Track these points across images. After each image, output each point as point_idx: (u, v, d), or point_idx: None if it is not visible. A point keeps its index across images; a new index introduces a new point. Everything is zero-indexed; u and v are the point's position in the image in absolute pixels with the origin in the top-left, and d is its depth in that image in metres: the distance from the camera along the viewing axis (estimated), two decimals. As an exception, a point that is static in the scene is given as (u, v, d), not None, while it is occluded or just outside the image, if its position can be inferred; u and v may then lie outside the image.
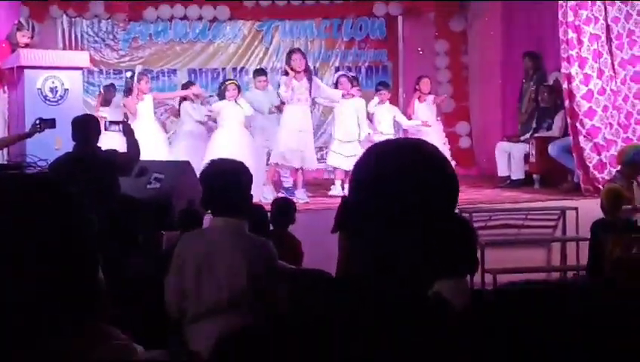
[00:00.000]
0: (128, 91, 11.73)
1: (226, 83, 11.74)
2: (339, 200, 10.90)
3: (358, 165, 1.79)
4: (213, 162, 4.22)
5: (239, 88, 11.65)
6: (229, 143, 10.67)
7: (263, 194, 10.60)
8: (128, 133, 7.62)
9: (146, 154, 8.41)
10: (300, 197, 11.14)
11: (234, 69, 14.92)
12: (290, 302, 3.61)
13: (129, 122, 8.24)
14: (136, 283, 4.10)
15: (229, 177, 4.10)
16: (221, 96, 11.56)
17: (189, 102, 11.94)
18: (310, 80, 11.31)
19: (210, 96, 12.86)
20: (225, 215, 4.10)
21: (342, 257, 1.74)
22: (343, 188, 11.58)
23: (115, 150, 7.59)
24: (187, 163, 8.84)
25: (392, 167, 1.73)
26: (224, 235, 4.13)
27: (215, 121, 11.52)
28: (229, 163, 4.25)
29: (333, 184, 11.84)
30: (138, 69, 12.37)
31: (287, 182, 11.73)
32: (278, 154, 11.25)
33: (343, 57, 15.42)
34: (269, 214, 6.60)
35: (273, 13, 14.97)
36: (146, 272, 4.23)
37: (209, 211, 4.37)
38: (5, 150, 9.18)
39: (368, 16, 15.27)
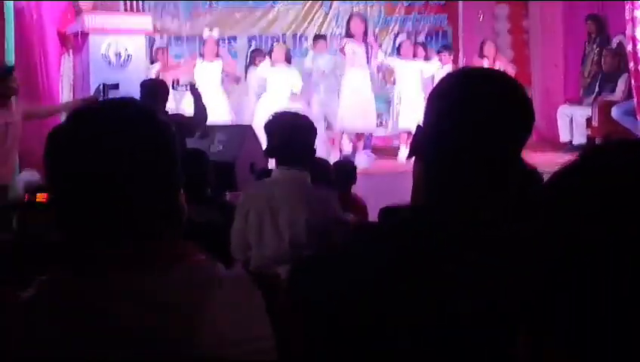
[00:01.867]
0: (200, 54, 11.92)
1: (273, 45, 11.85)
2: (404, 164, 10.98)
3: (434, 91, 1.81)
4: (277, 113, 4.25)
5: (288, 51, 11.70)
6: (277, 105, 10.69)
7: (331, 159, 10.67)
8: (196, 95, 7.71)
9: (211, 118, 8.52)
10: (361, 161, 11.16)
11: (294, 36, 14.91)
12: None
13: (196, 85, 8.29)
14: (203, 230, 4.16)
15: (293, 127, 4.14)
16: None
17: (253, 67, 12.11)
18: (367, 45, 11.30)
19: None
20: (288, 165, 4.13)
21: (415, 186, 1.74)
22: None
23: (181, 113, 7.70)
24: (249, 127, 8.91)
25: (468, 94, 1.75)
26: (286, 186, 4.16)
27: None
28: (294, 114, 4.29)
29: (399, 150, 11.76)
30: (206, 32, 12.49)
31: (348, 149, 11.78)
32: (340, 121, 11.27)
33: (402, 23, 15.31)
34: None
35: (333, -22, 14.92)
36: (213, 221, 4.29)
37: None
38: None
39: (428, -20, 15.15)
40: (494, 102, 1.74)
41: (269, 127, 4.19)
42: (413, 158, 1.84)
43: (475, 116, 1.72)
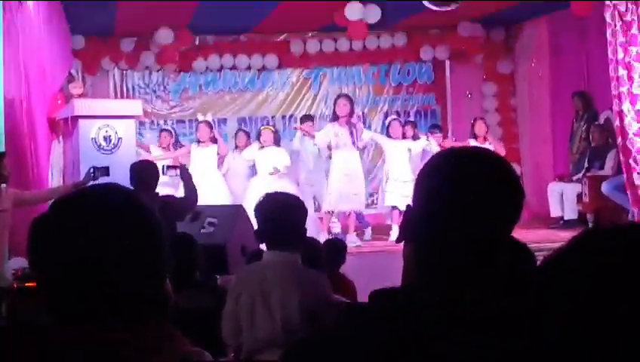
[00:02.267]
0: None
1: (261, 128, 11.95)
2: (395, 244, 10.98)
3: (423, 170, 1.80)
4: (269, 194, 4.24)
5: (275, 134, 11.81)
6: (267, 188, 10.66)
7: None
8: (186, 178, 7.71)
9: (205, 201, 8.52)
10: (352, 240, 11.15)
11: (283, 117, 15.04)
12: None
13: (187, 167, 8.31)
14: (193, 316, 4.12)
15: (285, 209, 4.11)
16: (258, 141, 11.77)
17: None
18: (352, 127, 11.36)
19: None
20: (279, 248, 4.11)
21: (406, 267, 1.73)
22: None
23: (172, 196, 7.68)
24: (240, 207, 8.89)
25: (457, 174, 1.74)
26: (278, 269, 4.13)
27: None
28: (286, 195, 4.27)
29: (391, 229, 11.78)
30: (200, 117, 12.61)
31: (337, 228, 11.77)
32: (329, 201, 11.29)
33: (391, 102, 15.46)
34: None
35: (321, 60, 15.07)
36: (203, 306, 4.24)
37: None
38: (61, 199, 9.33)
39: (415, 61, 15.31)
40: (483, 181, 1.74)
41: (259, 209, 4.17)
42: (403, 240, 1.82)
43: (465, 195, 1.71)
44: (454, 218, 1.71)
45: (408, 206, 1.82)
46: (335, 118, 11.41)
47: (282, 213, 4.08)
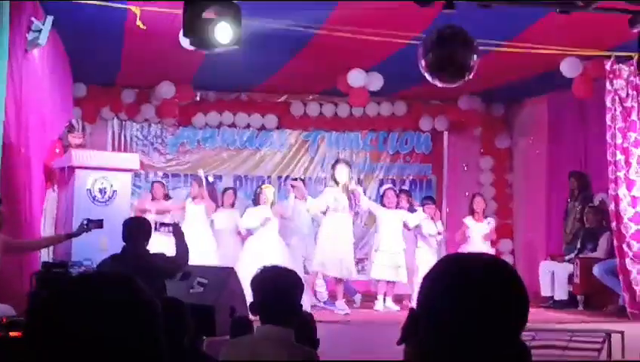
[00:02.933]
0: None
1: (262, 187, 11.88)
2: (381, 314, 10.90)
3: (430, 276, 1.78)
4: (266, 268, 4.19)
5: (274, 196, 11.80)
6: (263, 251, 10.61)
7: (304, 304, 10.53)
8: (178, 235, 7.66)
9: (195, 259, 8.46)
10: (341, 308, 11.10)
11: (279, 178, 15.04)
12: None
13: (180, 225, 8.26)
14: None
15: (282, 285, 4.07)
16: (255, 201, 11.66)
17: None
18: (353, 192, 11.37)
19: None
20: (273, 323, 4.05)
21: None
22: (385, 301, 11.52)
23: (163, 254, 7.62)
24: (232, 269, 8.83)
25: (466, 281, 1.72)
26: (269, 345, 4.06)
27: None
28: (283, 270, 4.22)
29: (377, 298, 11.74)
30: (200, 173, 12.59)
31: (323, 294, 11.70)
32: (318, 263, 11.24)
33: (387, 170, 15.50)
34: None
35: (320, 123, 15.13)
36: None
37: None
38: (51, 248, 9.26)
39: (414, 130, 15.37)
40: (492, 292, 1.72)
41: (254, 282, 4.12)
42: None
43: (472, 306, 1.69)
44: (467, 328, 1.69)
45: (412, 309, 1.80)
46: (333, 181, 11.42)
47: (278, 289, 4.04)
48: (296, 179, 12.96)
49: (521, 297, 1.75)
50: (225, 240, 12.00)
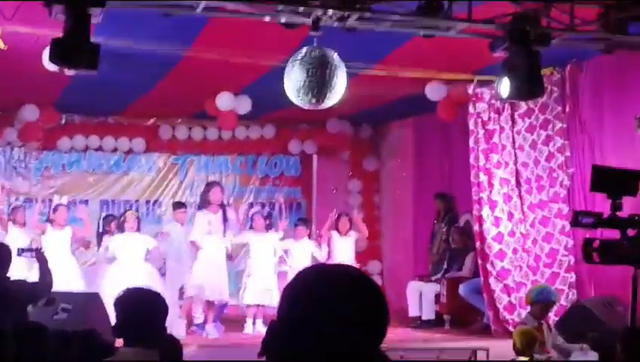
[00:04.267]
0: (48, 220, 11.63)
1: (125, 214, 11.66)
2: (251, 337, 10.85)
3: (292, 286, 1.77)
4: (129, 289, 4.12)
5: (139, 219, 11.56)
6: (128, 276, 10.27)
7: (174, 328, 10.36)
8: (42, 260, 7.46)
9: (59, 286, 8.23)
10: (210, 332, 11.03)
11: (147, 202, 14.84)
12: None
13: (42, 250, 8.02)
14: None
15: (144, 305, 4.00)
16: (120, 227, 11.43)
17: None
18: (224, 213, 11.34)
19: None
20: (135, 344, 3.98)
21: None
22: (254, 324, 11.48)
23: (24, 280, 7.41)
24: (96, 294, 8.66)
25: (323, 293, 1.72)
26: (132, 367, 3.98)
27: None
28: (146, 291, 4.15)
29: (245, 322, 11.69)
30: (56, 199, 12.21)
31: (199, 318, 11.58)
32: (192, 286, 11.14)
33: (257, 193, 15.48)
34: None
35: (189, 147, 15.01)
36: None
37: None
38: None
39: (283, 153, 15.42)
40: (350, 300, 1.72)
41: (117, 304, 4.05)
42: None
43: (332, 314, 1.69)
44: (321, 337, 1.68)
45: (272, 321, 1.79)
46: (206, 203, 11.34)
47: (140, 310, 3.97)
48: (180, 203, 12.78)
49: (378, 306, 1.76)
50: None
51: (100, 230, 12.64)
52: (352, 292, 1.73)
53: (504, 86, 8.51)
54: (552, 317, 9.04)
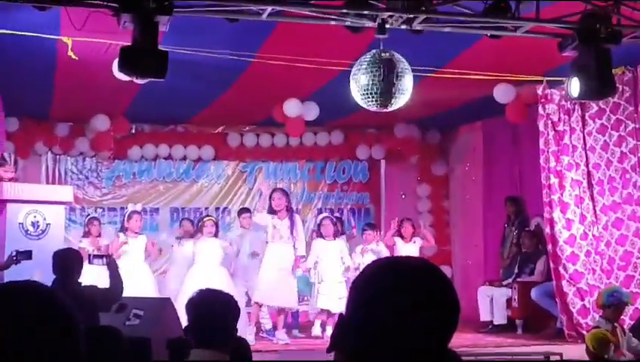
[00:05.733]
0: (122, 229, 11.71)
1: (204, 219, 11.71)
2: (320, 342, 10.84)
3: (358, 279, 1.76)
4: (202, 291, 4.13)
5: (217, 225, 11.62)
6: (205, 281, 10.39)
7: (245, 335, 10.38)
8: (113, 268, 7.55)
9: (132, 293, 8.33)
10: (281, 338, 11.03)
11: (217, 209, 14.94)
12: None
13: (114, 257, 8.12)
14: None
15: (216, 307, 4.01)
16: (199, 232, 11.52)
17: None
18: (292, 219, 11.31)
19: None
20: (207, 346, 3.99)
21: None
22: (324, 330, 11.45)
23: (95, 286, 7.50)
24: (168, 299, 8.72)
25: (391, 286, 1.70)
26: (203, 369, 3.99)
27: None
28: (218, 293, 4.16)
29: (314, 325, 11.68)
30: (130, 207, 12.33)
31: (267, 324, 11.61)
32: (259, 293, 11.15)
33: (325, 199, 15.50)
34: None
35: (257, 154, 15.10)
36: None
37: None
38: (-17, 284, 9.03)
39: (351, 159, 15.41)
40: (420, 293, 1.70)
41: (188, 305, 4.07)
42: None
43: (400, 307, 1.67)
44: (389, 330, 1.66)
45: (341, 315, 1.77)
46: (272, 212, 11.34)
47: (213, 312, 3.98)
48: (245, 209, 12.88)
49: (448, 299, 1.74)
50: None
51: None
52: (416, 283, 1.71)
53: (574, 86, 8.40)
54: (627, 320, 8.88)
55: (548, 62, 9.74)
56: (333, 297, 11.35)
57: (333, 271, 11.59)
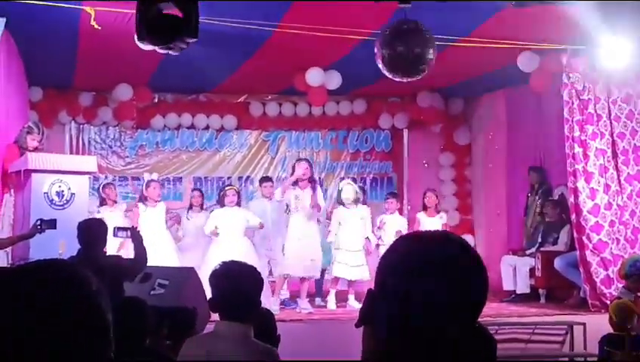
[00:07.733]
0: (141, 198, 11.75)
1: (225, 189, 11.71)
2: (343, 312, 10.86)
3: (386, 255, 1.75)
4: (225, 264, 4.13)
5: (239, 194, 11.63)
6: (229, 251, 10.41)
7: (270, 305, 10.38)
8: (136, 238, 7.58)
9: (154, 262, 8.36)
10: (304, 307, 11.05)
11: (239, 178, 14.96)
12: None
13: (137, 229, 8.13)
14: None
15: (240, 280, 4.01)
16: (220, 202, 11.52)
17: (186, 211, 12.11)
18: (314, 189, 11.30)
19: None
20: (231, 319, 4.00)
21: (365, 352, 1.68)
22: (348, 300, 11.46)
23: (119, 256, 7.54)
24: (192, 269, 8.75)
25: (422, 260, 1.69)
26: (228, 341, 3.99)
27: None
28: (242, 266, 4.17)
29: (329, 294, 11.67)
30: (147, 176, 12.35)
31: (284, 294, 11.63)
32: (285, 266, 11.14)
33: (348, 168, 15.49)
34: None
35: (280, 123, 15.08)
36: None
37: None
38: (9, 253, 9.10)
39: (374, 128, 15.38)
40: (449, 268, 1.69)
41: (212, 278, 4.07)
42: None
43: (429, 283, 1.66)
44: (418, 306, 1.66)
45: (369, 290, 1.77)
46: (295, 182, 11.32)
47: (237, 285, 3.98)
48: (267, 177, 12.93)
49: (478, 274, 1.72)
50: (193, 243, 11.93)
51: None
52: (444, 260, 1.69)
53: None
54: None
55: (572, 31, 9.65)
56: (350, 265, 11.38)
57: (352, 240, 11.60)
